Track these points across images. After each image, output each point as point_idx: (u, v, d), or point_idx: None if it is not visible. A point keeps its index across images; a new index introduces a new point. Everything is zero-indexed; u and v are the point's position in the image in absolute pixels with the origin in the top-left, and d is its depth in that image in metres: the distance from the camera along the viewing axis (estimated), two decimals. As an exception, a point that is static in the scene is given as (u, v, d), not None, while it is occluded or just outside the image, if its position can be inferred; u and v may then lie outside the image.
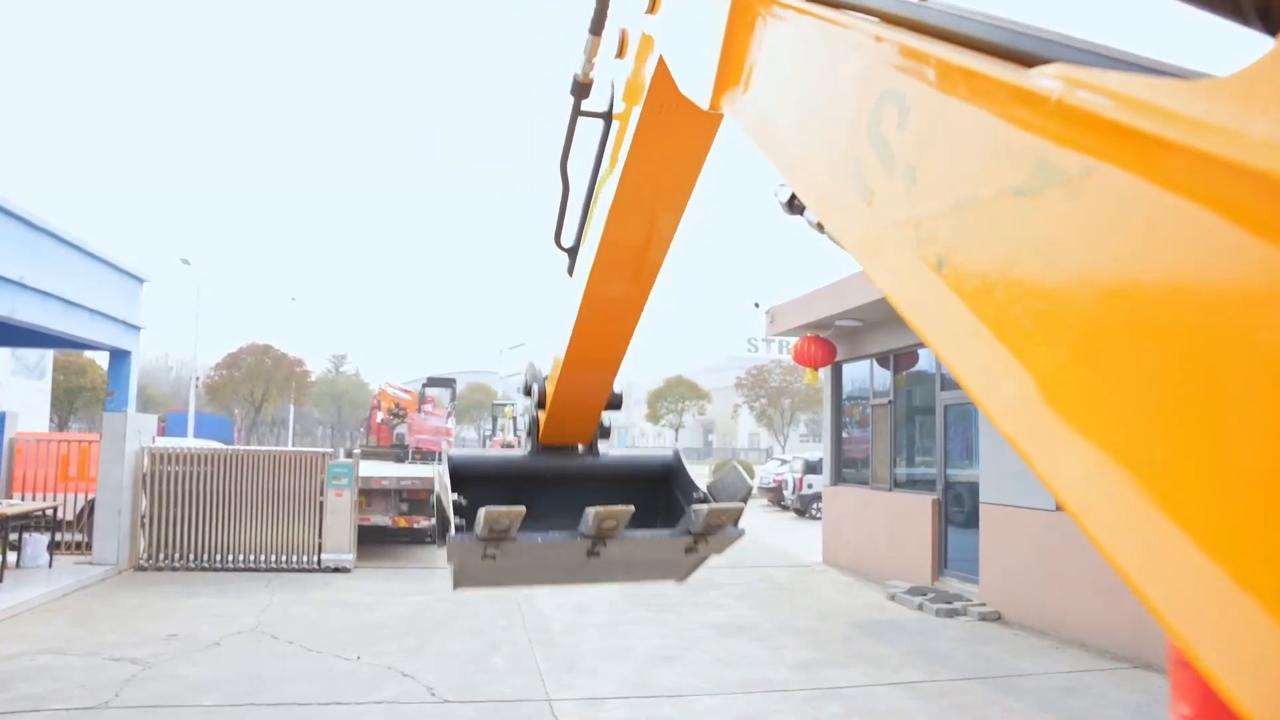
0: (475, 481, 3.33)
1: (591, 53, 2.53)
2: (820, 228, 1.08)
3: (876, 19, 0.96)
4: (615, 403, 3.27)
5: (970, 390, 0.71)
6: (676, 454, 3.68)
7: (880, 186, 0.87)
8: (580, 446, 3.54)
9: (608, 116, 2.54)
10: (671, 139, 2.03)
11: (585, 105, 2.65)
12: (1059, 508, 10.59)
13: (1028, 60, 0.74)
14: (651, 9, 1.82)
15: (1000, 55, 0.77)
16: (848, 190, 0.93)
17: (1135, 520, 0.54)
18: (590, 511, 2.81)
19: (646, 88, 1.90)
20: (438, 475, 3.30)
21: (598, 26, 2.44)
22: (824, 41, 1.02)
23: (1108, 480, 0.56)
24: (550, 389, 3.14)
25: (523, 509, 2.75)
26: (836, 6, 1.04)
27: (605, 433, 3.47)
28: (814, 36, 1.05)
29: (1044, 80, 0.67)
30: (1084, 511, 0.58)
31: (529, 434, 3.39)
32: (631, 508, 2.84)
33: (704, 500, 3.20)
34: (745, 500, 3.08)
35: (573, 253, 2.88)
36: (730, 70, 1.30)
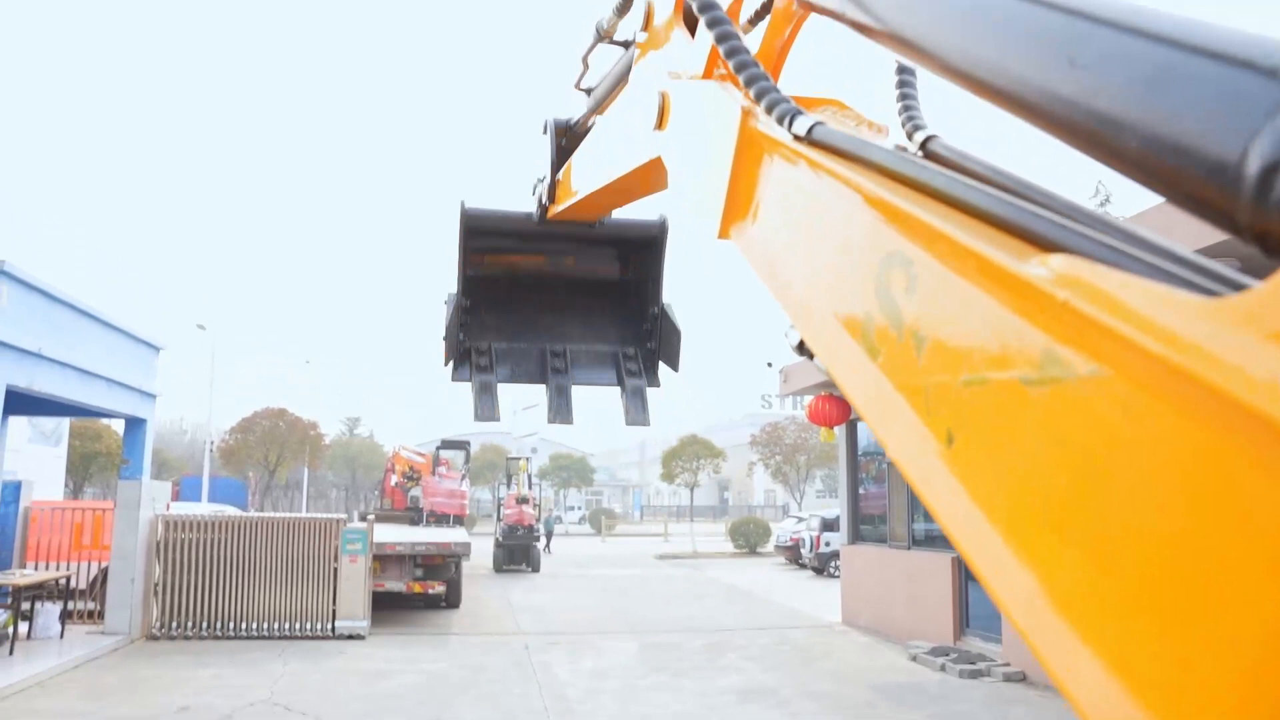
0: (488, 235, 3.85)
1: (614, 24, 2.67)
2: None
3: (879, 173, 0.97)
4: None
5: (980, 577, 0.71)
6: (663, 222, 3.92)
7: (889, 347, 0.87)
8: None
9: (628, 43, 2.66)
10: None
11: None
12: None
13: (1034, 240, 0.74)
14: (659, 124, 1.84)
15: (1005, 230, 0.77)
16: (855, 345, 0.93)
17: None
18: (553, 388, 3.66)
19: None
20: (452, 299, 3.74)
21: (624, 9, 2.56)
22: (829, 191, 1.03)
23: (1124, 702, 0.56)
24: (562, 194, 3.37)
25: (499, 416, 3.58)
26: (841, 155, 1.05)
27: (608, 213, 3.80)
28: (819, 185, 1.07)
29: (1048, 276, 0.67)
30: (1098, 726, 0.57)
31: (538, 205, 3.63)
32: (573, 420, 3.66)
33: (658, 315, 3.81)
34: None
35: (590, 93, 3.13)
36: (737, 204, 1.31)
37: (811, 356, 1.13)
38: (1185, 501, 0.53)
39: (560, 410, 3.66)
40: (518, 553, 26.77)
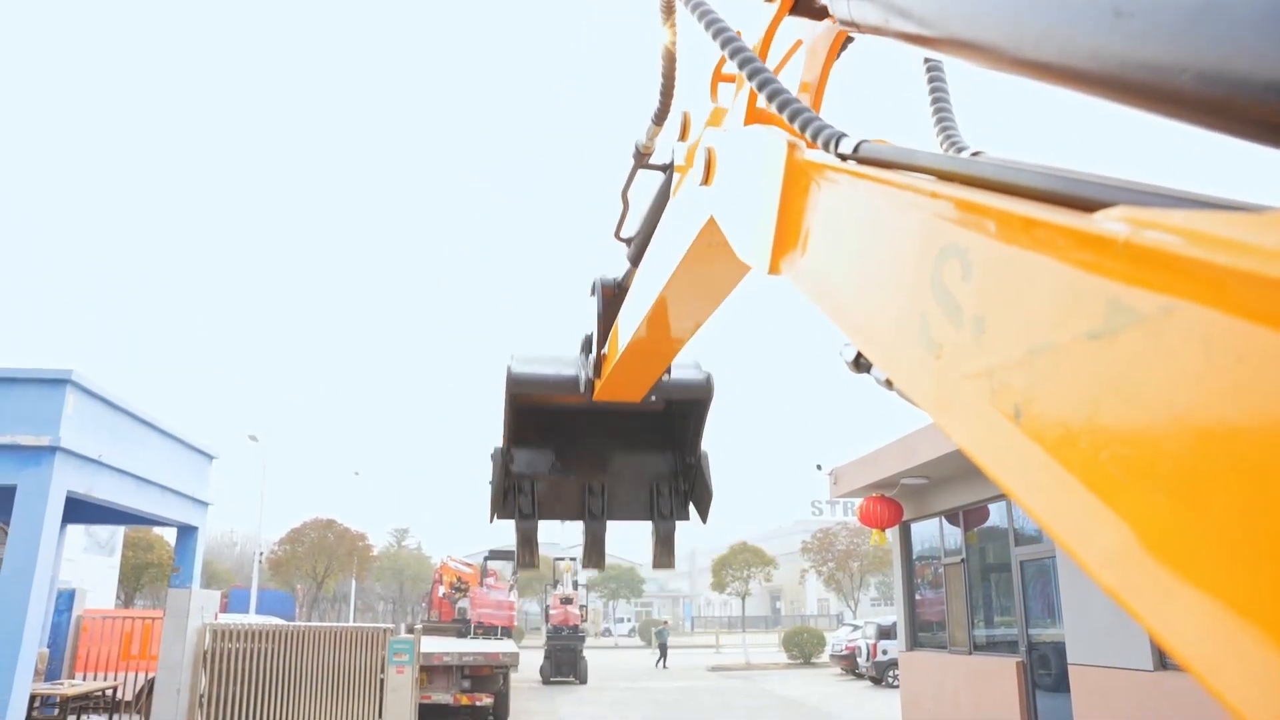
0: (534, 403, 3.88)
1: (653, 136, 2.70)
2: (889, 384, 1.07)
3: (930, 176, 0.98)
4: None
5: (1064, 544, 0.68)
6: (708, 379, 3.87)
7: (948, 339, 0.86)
8: None
9: (668, 167, 2.67)
10: (719, 261, 2.13)
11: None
12: (1158, 667, 9.92)
13: (1086, 205, 0.74)
14: (705, 180, 1.88)
15: (1058, 203, 0.77)
16: (915, 345, 0.92)
17: (1267, 675, 0.50)
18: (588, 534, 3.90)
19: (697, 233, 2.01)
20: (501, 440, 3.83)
21: (661, 118, 2.60)
22: (879, 201, 1.04)
23: (1228, 631, 0.52)
24: (608, 366, 3.36)
25: (538, 563, 3.99)
26: (887, 167, 1.06)
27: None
28: (869, 197, 1.08)
29: (1108, 223, 0.67)
30: (1207, 669, 0.54)
31: (584, 390, 3.62)
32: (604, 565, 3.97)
33: (695, 465, 3.96)
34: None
35: (630, 242, 3.09)
36: (788, 235, 1.32)
37: (869, 369, 1.11)
38: (1276, 414, 0.51)
39: (593, 555, 3.93)
40: (565, 663, 26.20)
